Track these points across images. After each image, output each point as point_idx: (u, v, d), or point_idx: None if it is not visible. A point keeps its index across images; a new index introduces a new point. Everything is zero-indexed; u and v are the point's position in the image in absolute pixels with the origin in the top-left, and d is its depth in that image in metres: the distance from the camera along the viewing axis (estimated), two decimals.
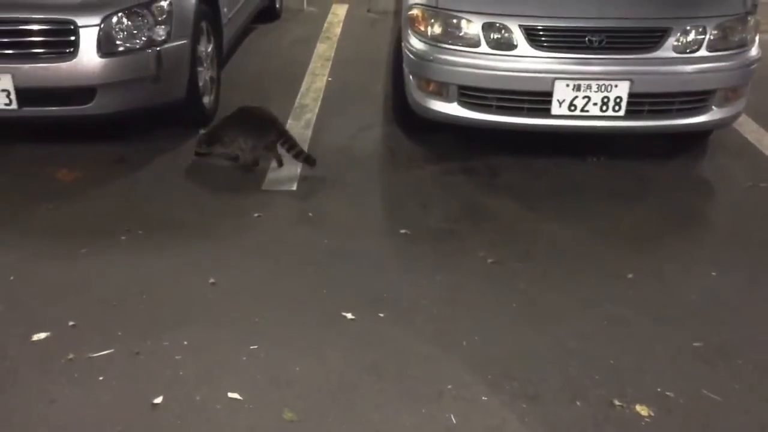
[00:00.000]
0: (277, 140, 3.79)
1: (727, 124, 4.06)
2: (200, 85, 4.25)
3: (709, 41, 3.74)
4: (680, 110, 3.84)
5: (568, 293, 2.94)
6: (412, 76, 4.00)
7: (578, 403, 2.36)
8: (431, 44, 3.85)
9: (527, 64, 3.71)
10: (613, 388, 2.42)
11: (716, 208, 3.81)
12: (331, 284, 2.95)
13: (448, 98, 3.86)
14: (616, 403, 2.35)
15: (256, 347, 2.57)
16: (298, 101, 4.82)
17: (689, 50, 3.74)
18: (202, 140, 3.85)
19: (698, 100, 3.82)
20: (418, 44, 3.90)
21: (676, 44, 3.71)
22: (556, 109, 3.73)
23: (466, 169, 3.98)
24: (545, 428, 2.26)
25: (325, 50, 5.92)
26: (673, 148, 4.27)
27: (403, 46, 4.14)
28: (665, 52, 3.71)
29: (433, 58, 3.82)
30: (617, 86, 3.66)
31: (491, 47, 3.74)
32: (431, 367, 2.51)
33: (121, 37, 3.71)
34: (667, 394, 2.40)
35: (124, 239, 3.24)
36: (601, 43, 3.68)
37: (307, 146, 4.14)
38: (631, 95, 3.69)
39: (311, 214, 3.50)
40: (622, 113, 3.73)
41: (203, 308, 2.79)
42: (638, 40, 3.75)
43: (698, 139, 4.29)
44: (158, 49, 3.82)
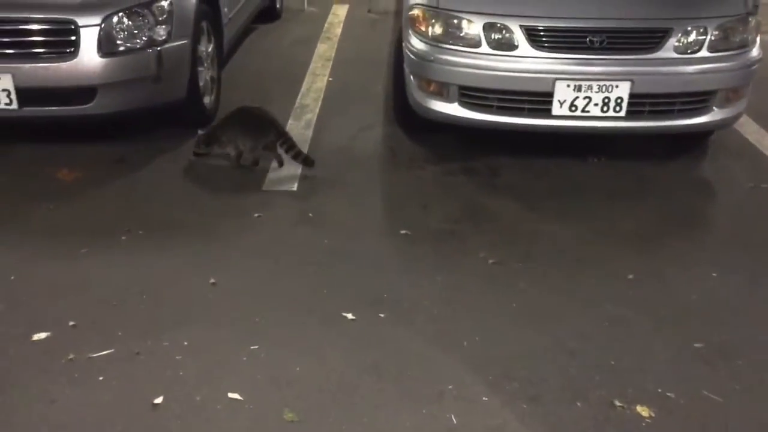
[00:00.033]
0: (276, 141, 3.79)
1: (728, 124, 4.06)
2: (201, 85, 4.25)
3: (710, 42, 3.74)
4: (681, 111, 3.83)
5: (568, 294, 2.93)
6: (412, 76, 4.00)
7: (579, 403, 2.35)
8: (432, 44, 3.84)
9: (528, 64, 3.71)
10: (613, 388, 2.42)
11: (717, 208, 3.80)
12: (331, 284, 2.95)
13: (448, 98, 3.86)
14: (616, 403, 2.35)
15: (256, 347, 2.57)
16: (298, 101, 4.82)
17: (690, 51, 3.74)
18: (200, 140, 3.85)
19: (699, 100, 3.82)
20: (418, 44, 3.90)
21: (677, 45, 3.71)
22: (556, 109, 3.72)
23: (466, 169, 3.98)
24: (546, 429, 2.26)
25: (325, 50, 5.92)
26: (673, 148, 4.26)
27: (403, 46, 4.13)
28: (666, 52, 3.71)
29: (433, 58, 3.82)
30: (618, 87, 3.66)
31: (492, 47, 3.74)
32: (432, 367, 2.51)
33: (121, 36, 3.71)
34: (667, 394, 2.40)
35: (124, 239, 3.24)
36: (602, 43, 3.67)
37: (307, 146, 4.14)
38: (632, 96, 3.68)
39: (311, 214, 3.50)
40: (622, 114, 3.73)
41: (203, 308, 2.79)
42: (639, 40, 3.74)
43: (699, 139, 4.29)
44: (159, 49, 3.82)
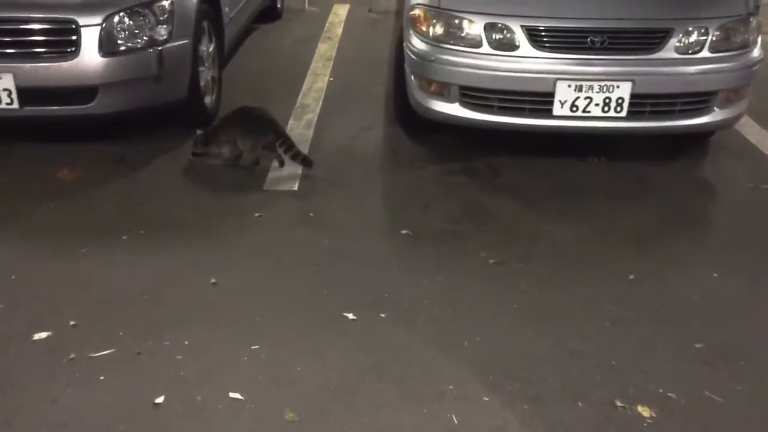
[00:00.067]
0: (275, 141, 3.79)
1: (729, 125, 4.06)
2: (202, 84, 4.25)
3: (711, 42, 3.74)
4: (682, 111, 3.83)
5: (569, 294, 2.93)
6: (413, 76, 4.00)
7: (580, 404, 2.35)
8: (433, 44, 3.84)
9: (529, 64, 3.71)
10: (614, 389, 2.41)
11: (718, 209, 3.80)
12: (332, 284, 2.95)
13: (449, 99, 3.86)
14: (617, 404, 2.35)
15: (257, 347, 2.56)
16: (299, 101, 4.81)
17: (691, 51, 3.74)
18: (198, 140, 3.85)
19: (700, 101, 3.82)
20: (419, 44, 3.90)
21: (678, 45, 3.71)
22: (557, 109, 3.73)
23: (467, 169, 3.98)
24: (547, 429, 2.26)
25: (326, 50, 5.92)
26: (674, 149, 4.26)
27: (404, 46, 4.13)
28: (667, 52, 3.71)
29: (434, 58, 3.82)
30: (619, 87, 3.66)
31: (493, 48, 3.74)
32: (432, 367, 2.51)
33: (122, 36, 3.71)
34: (668, 395, 2.40)
35: (125, 239, 3.24)
36: (603, 43, 3.67)
37: (308, 146, 4.14)
38: (633, 96, 3.68)
39: (312, 214, 3.50)
40: (623, 114, 3.73)
41: (204, 308, 2.79)
42: (640, 40, 3.75)
43: (700, 140, 4.29)
44: (160, 48, 3.82)
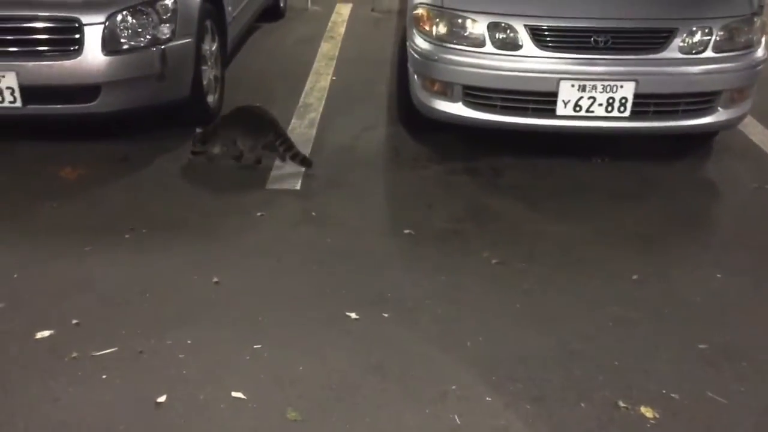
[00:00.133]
0: (274, 140, 3.78)
1: (732, 125, 4.05)
2: (204, 83, 4.25)
3: (715, 42, 3.73)
4: (686, 111, 3.82)
5: (572, 294, 2.93)
6: (416, 75, 4.00)
7: (583, 404, 2.35)
8: (436, 44, 3.84)
9: (532, 64, 3.70)
10: (617, 389, 2.41)
11: (721, 209, 3.80)
12: (334, 284, 2.95)
13: (452, 98, 3.86)
14: (620, 404, 2.35)
15: (259, 347, 2.56)
16: (302, 100, 4.81)
17: (695, 51, 3.73)
18: (197, 138, 3.85)
19: (704, 101, 3.81)
20: (423, 44, 3.90)
21: (681, 45, 3.70)
22: (561, 109, 3.72)
23: (470, 169, 3.97)
24: (549, 429, 2.25)
25: (329, 49, 5.92)
26: (678, 149, 4.25)
27: (407, 45, 4.13)
28: (671, 52, 3.70)
29: (438, 57, 3.81)
30: (623, 87, 3.65)
31: (496, 47, 3.73)
32: (435, 367, 2.50)
33: (125, 35, 3.70)
34: (672, 395, 2.39)
35: (127, 238, 3.24)
36: (606, 43, 3.67)
37: (311, 145, 4.14)
38: (636, 96, 3.68)
39: (314, 213, 3.50)
40: (627, 114, 3.72)
41: (206, 307, 2.79)
42: (644, 40, 3.74)
43: (703, 140, 4.28)
44: (163, 47, 3.82)
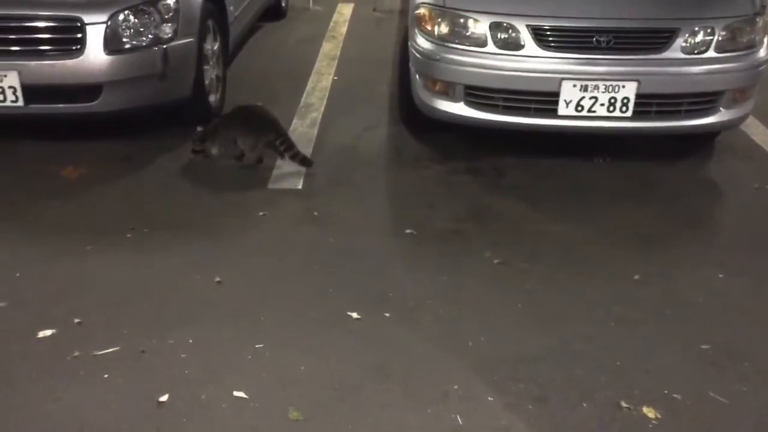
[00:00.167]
0: (275, 140, 3.78)
1: (734, 125, 4.05)
2: (206, 83, 4.25)
3: (717, 42, 3.73)
4: (688, 111, 3.82)
5: (574, 294, 2.93)
6: (418, 75, 4.00)
7: (585, 404, 2.35)
8: (438, 43, 3.83)
9: (534, 64, 3.70)
10: (619, 389, 2.41)
11: (723, 209, 3.79)
12: (336, 283, 2.95)
13: (454, 98, 3.85)
14: (623, 404, 2.34)
15: (261, 346, 2.56)
16: (303, 100, 4.81)
17: (697, 51, 3.72)
18: (197, 137, 3.85)
19: (706, 101, 3.81)
20: (424, 43, 3.89)
21: (684, 45, 3.70)
22: (563, 109, 3.72)
23: (472, 169, 3.97)
24: (551, 430, 2.25)
25: (330, 49, 5.92)
26: (680, 149, 4.25)
27: (409, 45, 4.13)
28: (673, 52, 3.69)
29: (439, 57, 3.81)
30: (625, 87, 3.65)
31: (498, 47, 3.73)
32: (437, 367, 2.50)
33: (127, 34, 3.71)
34: (674, 396, 2.39)
35: (129, 237, 3.24)
36: (608, 43, 3.66)
37: (312, 145, 4.14)
38: (638, 96, 3.67)
39: (316, 213, 3.50)
40: (629, 114, 3.72)
41: (208, 307, 2.79)
42: (646, 40, 3.73)
43: (705, 140, 4.28)
44: (165, 46, 3.82)
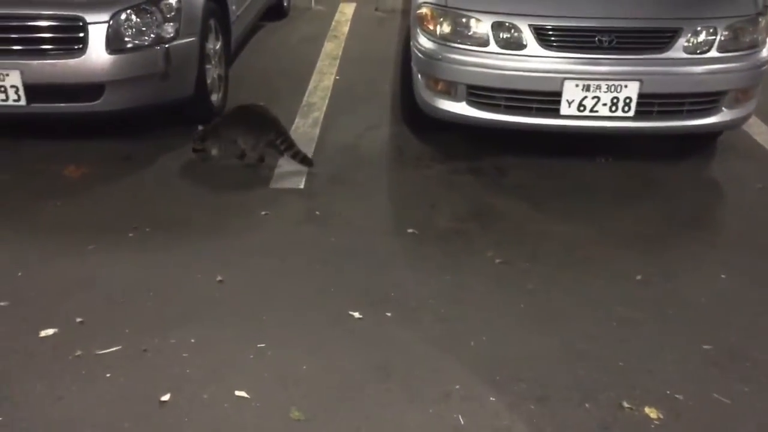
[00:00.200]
0: (275, 139, 3.78)
1: (737, 125, 4.04)
2: (208, 82, 4.25)
3: (719, 42, 3.72)
4: (690, 111, 3.82)
5: (576, 294, 2.92)
6: (420, 75, 3.99)
7: (587, 405, 2.34)
8: (440, 43, 3.83)
9: (536, 63, 3.69)
10: (622, 390, 2.40)
11: (726, 209, 3.79)
12: (338, 283, 2.95)
13: (456, 97, 3.85)
14: (624, 405, 2.34)
15: (263, 345, 2.56)
16: (305, 99, 4.81)
17: (700, 51, 3.72)
18: (197, 136, 3.85)
19: (708, 101, 3.80)
20: (426, 43, 3.89)
21: (686, 45, 3.69)
22: (565, 109, 3.71)
23: (474, 168, 3.97)
24: (553, 430, 2.25)
25: (332, 49, 5.92)
26: (682, 149, 4.25)
27: (411, 44, 4.13)
28: (676, 52, 3.69)
29: (441, 57, 3.81)
30: (627, 87, 3.64)
31: (500, 47, 3.73)
32: (439, 367, 2.50)
33: (129, 33, 3.71)
34: (676, 396, 2.39)
35: (131, 236, 3.24)
36: (611, 43, 3.66)
37: (314, 144, 4.14)
38: (640, 96, 3.67)
39: (318, 212, 3.49)
40: (631, 114, 3.71)
41: (210, 306, 2.79)
42: (648, 40, 3.73)
43: (708, 140, 4.27)
44: (167, 46, 3.82)
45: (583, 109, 3.70)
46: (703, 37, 3.71)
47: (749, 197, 3.79)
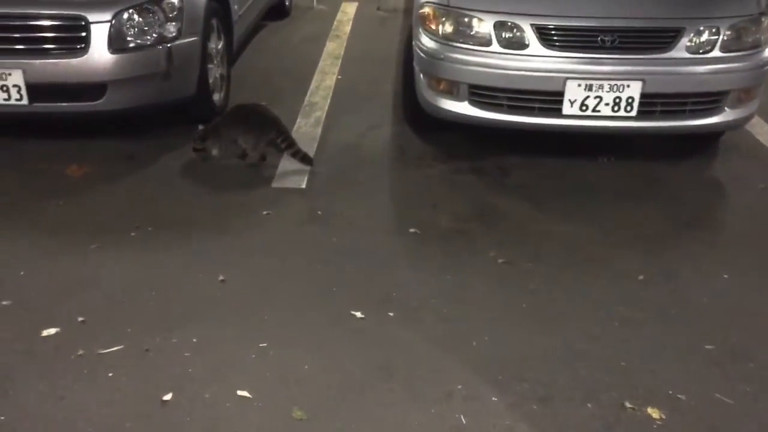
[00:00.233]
0: (276, 138, 3.78)
1: (739, 125, 4.04)
2: (210, 82, 4.26)
3: (722, 42, 3.71)
4: (693, 111, 3.81)
5: (578, 294, 2.92)
6: (422, 74, 3.99)
7: (589, 405, 2.34)
8: (442, 43, 3.83)
9: (539, 63, 3.69)
10: (624, 390, 2.40)
11: (728, 209, 3.78)
12: (340, 283, 2.94)
13: (458, 97, 3.85)
14: (627, 405, 2.34)
15: (265, 345, 2.56)
16: (307, 99, 4.81)
17: (702, 51, 3.71)
18: (197, 136, 3.85)
19: (711, 101, 3.80)
20: (429, 43, 3.89)
21: (689, 44, 3.69)
22: (567, 108, 3.71)
23: (476, 168, 3.96)
24: (555, 430, 2.25)
25: (334, 48, 5.91)
26: (684, 149, 4.24)
27: (413, 44, 4.12)
28: (678, 52, 3.68)
29: (444, 56, 3.80)
30: (629, 86, 3.64)
31: (503, 46, 3.72)
32: (441, 366, 2.50)
33: (131, 33, 3.71)
34: (678, 396, 2.39)
35: (133, 236, 3.24)
36: (613, 42, 3.65)
37: (316, 144, 4.14)
38: (643, 95, 3.66)
39: (320, 212, 3.49)
40: (634, 114, 3.71)
41: (212, 305, 2.79)
42: (651, 40, 3.72)
43: (710, 140, 4.27)
44: (169, 45, 3.82)
45: (585, 108, 3.70)
46: (705, 36, 3.71)
47: (751, 197, 3.79)
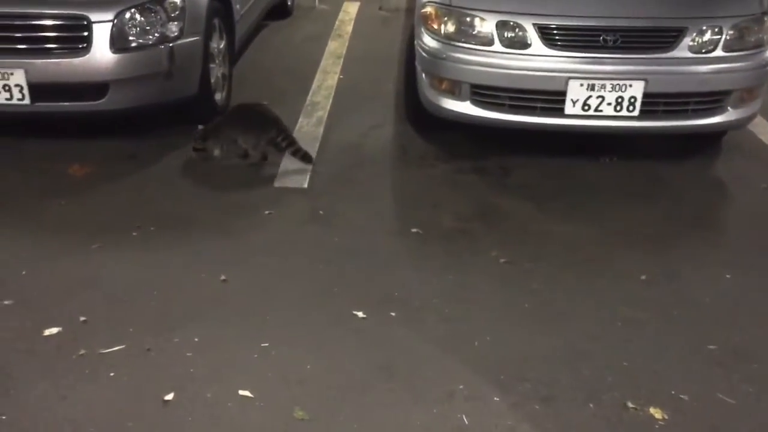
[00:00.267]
0: (276, 137, 3.78)
1: (742, 125, 4.03)
2: (212, 81, 4.26)
3: (725, 41, 3.71)
4: (695, 111, 3.80)
5: (580, 294, 2.92)
6: (424, 74, 3.99)
7: (591, 405, 2.34)
8: (444, 42, 3.83)
9: (541, 63, 3.69)
10: (626, 390, 2.40)
11: (730, 209, 3.78)
12: (341, 283, 2.94)
13: (460, 97, 3.84)
14: (629, 405, 2.34)
15: (266, 345, 2.56)
16: (309, 98, 4.81)
17: (705, 50, 3.71)
18: (198, 135, 3.85)
19: (713, 100, 3.79)
20: (431, 42, 3.89)
21: (691, 44, 3.68)
22: (569, 108, 3.70)
23: (478, 168, 3.96)
24: (558, 430, 2.24)
25: (336, 48, 5.91)
26: (687, 149, 4.23)
27: (415, 44, 4.12)
28: (681, 52, 3.68)
29: (446, 56, 3.80)
30: (632, 86, 3.63)
31: (505, 46, 3.72)
32: (442, 366, 2.49)
33: (133, 32, 3.71)
34: (680, 396, 2.38)
35: (135, 235, 3.24)
36: (615, 42, 3.65)
37: (318, 143, 4.14)
38: (645, 95, 3.66)
39: (322, 212, 3.49)
40: (636, 113, 3.70)
41: (214, 305, 2.78)
42: (653, 39, 3.72)
43: (712, 140, 4.26)
44: (171, 45, 3.82)
45: (587, 108, 3.69)
46: (708, 36, 3.70)
47: (754, 197, 3.78)
